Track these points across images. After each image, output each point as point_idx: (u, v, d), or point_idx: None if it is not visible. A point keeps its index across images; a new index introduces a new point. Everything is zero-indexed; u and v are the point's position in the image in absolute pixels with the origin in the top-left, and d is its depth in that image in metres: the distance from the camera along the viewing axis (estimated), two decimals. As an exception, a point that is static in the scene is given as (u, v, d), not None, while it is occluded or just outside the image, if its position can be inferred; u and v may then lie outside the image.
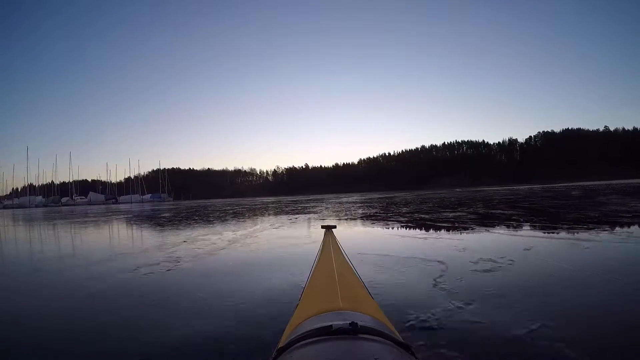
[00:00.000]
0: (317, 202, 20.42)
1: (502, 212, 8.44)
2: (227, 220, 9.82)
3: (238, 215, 12.08)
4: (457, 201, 14.18)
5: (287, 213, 11.88)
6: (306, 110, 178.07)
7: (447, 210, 9.71)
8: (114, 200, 69.83)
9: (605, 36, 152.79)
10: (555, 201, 11.86)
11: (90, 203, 64.74)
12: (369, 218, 8.40)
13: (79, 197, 70.36)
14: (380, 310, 1.01)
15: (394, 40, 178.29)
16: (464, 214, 8.21)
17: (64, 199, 69.60)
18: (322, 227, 2.18)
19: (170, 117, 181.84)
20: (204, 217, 11.37)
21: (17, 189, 76.71)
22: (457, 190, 39.87)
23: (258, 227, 7.33)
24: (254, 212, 13.38)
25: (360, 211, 11.08)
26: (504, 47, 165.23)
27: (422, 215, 8.17)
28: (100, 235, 7.77)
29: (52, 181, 77.16)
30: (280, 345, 0.79)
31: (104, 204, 62.17)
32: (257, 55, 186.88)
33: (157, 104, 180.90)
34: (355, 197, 28.11)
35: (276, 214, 12.02)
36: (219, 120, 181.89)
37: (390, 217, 8.18)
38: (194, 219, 10.69)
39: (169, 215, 13.94)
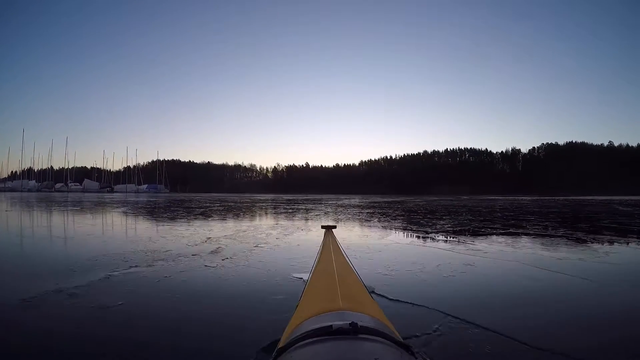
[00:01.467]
0: (315, 204, 18.17)
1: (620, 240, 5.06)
2: (176, 222, 7.51)
3: (206, 216, 9.62)
4: (496, 212, 11.64)
5: (272, 216, 9.74)
6: (309, 110, 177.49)
7: (515, 228, 6.61)
8: (108, 188, 68.66)
9: (615, 53, 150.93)
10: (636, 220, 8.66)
11: (84, 190, 63.60)
12: (407, 243, 4.81)
13: (73, 184, 69.13)
14: (381, 311, 1.01)
15: (400, 44, 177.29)
16: (551, 236, 5.23)
17: (58, 185, 68.55)
18: (322, 227, 2.20)
19: (172, 109, 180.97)
20: (161, 215, 9.69)
21: (15, 172, 75.36)
22: (464, 197, 38.64)
23: (196, 250, 3.83)
24: (230, 214, 10.80)
25: (377, 223, 7.74)
26: (511, 56, 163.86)
27: (502, 241, 4.80)
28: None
29: (51, 166, 75.87)
30: (281, 345, 0.79)
31: (98, 192, 61.15)
32: (263, 52, 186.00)
33: (159, 96, 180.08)
34: (357, 200, 26.71)
35: (258, 217, 9.63)
36: (222, 114, 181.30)
37: (443, 242, 4.77)
38: (146, 217, 9.11)
39: (124, 210, 12.42)
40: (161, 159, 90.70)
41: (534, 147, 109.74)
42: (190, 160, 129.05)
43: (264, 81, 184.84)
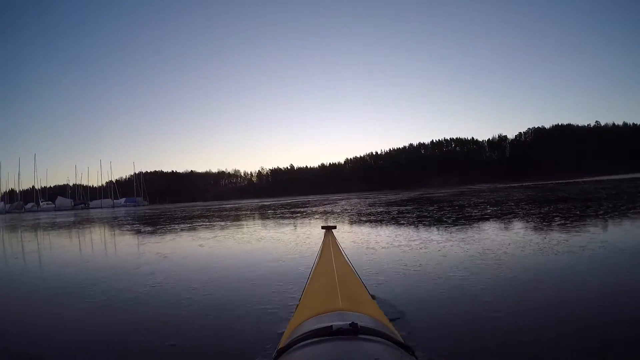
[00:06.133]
0: (296, 215, 12.49)
1: None
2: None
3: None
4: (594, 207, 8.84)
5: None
6: (290, 110, 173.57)
7: None
8: (82, 205, 65.20)
9: (597, 28, 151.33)
10: None
11: (56, 209, 60.22)
12: None
13: (45, 203, 65.55)
14: (381, 311, 1.03)
15: (379, 36, 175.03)
16: None
17: (29, 205, 64.87)
18: (322, 227, 2.22)
19: (148, 119, 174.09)
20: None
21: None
22: (480, 189, 36.44)
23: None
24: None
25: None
26: (491, 41, 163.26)
27: None
28: None
29: (32, 186, 71.25)
30: (281, 345, 0.80)
31: (72, 209, 57.91)
32: (240, 54, 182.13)
33: (133, 107, 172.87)
34: (357, 200, 23.43)
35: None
36: (201, 121, 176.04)
37: None
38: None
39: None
40: (140, 171, 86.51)
41: (520, 133, 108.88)
42: (173, 171, 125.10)
43: (242, 84, 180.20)
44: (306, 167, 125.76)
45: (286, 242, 5.55)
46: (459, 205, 11.51)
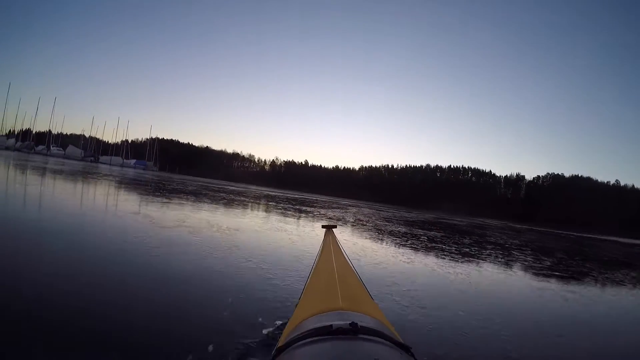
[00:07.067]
0: (300, 216, 11.20)
1: None
2: None
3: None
4: None
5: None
6: (314, 108, 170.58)
7: None
8: (92, 158, 64.81)
9: (628, 88, 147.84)
10: None
11: (65, 156, 59.82)
12: None
13: (56, 148, 65.09)
14: (380, 311, 1.02)
15: (410, 53, 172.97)
16: None
17: (40, 147, 64.43)
18: (323, 227, 2.18)
19: (174, 87, 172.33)
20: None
21: (12, 131, 70.16)
22: (500, 226, 34.88)
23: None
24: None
25: None
26: (523, 82, 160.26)
27: None
28: None
29: (49, 130, 70.76)
30: (280, 344, 0.80)
31: (81, 160, 57.57)
32: (274, 46, 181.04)
33: (164, 70, 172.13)
34: (369, 210, 22.57)
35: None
36: (226, 100, 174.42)
37: None
38: None
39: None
40: (156, 136, 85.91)
41: (538, 176, 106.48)
42: (189, 142, 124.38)
43: (271, 73, 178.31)
44: (320, 165, 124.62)
45: (269, 267, 3.73)
46: (501, 246, 10.08)
